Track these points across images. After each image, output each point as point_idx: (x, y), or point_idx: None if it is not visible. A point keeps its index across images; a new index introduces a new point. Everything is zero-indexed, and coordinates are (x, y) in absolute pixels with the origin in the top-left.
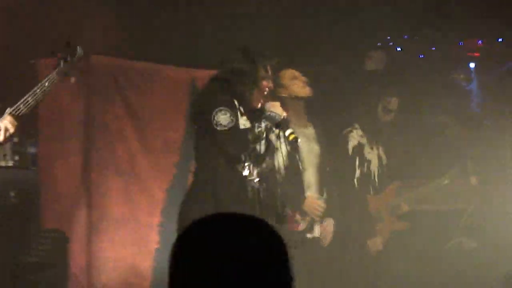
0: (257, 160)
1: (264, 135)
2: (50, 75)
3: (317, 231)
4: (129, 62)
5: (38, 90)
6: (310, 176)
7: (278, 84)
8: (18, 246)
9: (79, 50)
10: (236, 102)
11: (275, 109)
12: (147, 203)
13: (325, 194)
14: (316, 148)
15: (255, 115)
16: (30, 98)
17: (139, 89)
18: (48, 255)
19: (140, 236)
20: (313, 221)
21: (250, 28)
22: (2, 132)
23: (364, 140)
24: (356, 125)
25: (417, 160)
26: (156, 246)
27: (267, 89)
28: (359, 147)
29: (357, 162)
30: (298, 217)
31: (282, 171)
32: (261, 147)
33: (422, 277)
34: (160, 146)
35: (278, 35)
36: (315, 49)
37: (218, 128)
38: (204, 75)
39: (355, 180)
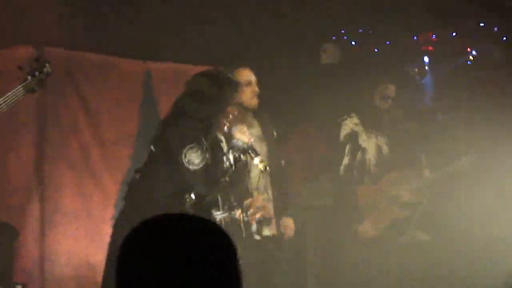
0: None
1: (234, 167)
2: (16, 89)
3: (268, 230)
4: (82, 54)
5: (3, 103)
6: (256, 177)
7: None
8: None
9: (47, 67)
10: (202, 134)
11: (242, 136)
12: (101, 196)
13: (270, 194)
14: (264, 148)
15: (222, 145)
16: (2, 103)
17: (93, 81)
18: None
19: (93, 229)
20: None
21: (203, 21)
22: None
23: (358, 128)
24: (353, 114)
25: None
26: (108, 240)
27: (230, 116)
28: (353, 135)
29: (346, 150)
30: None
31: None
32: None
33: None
34: (114, 139)
35: (231, 29)
36: (268, 43)
37: (190, 167)
38: (158, 67)
39: (342, 167)
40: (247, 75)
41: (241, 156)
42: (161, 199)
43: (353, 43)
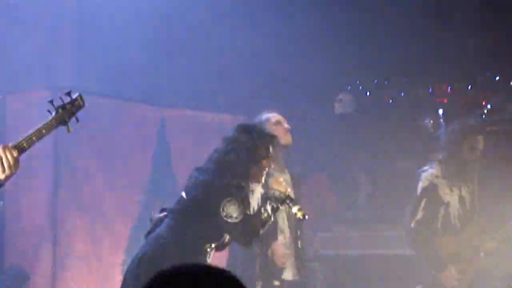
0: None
1: (272, 218)
2: (49, 121)
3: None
4: (96, 98)
5: (34, 138)
6: (282, 222)
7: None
8: None
9: (79, 100)
10: (239, 187)
11: (278, 186)
12: (111, 241)
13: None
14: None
15: (260, 196)
16: (33, 137)
17: (106, 126)
18: None
19: (103, 274)
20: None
21: (220, 67)
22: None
23: (438, 181)
24: (434, 164)
25: None
26: (119, 285)
27: (266, 168)
28: (430, 189)
29: (422, 204)
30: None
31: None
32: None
33: None
34: (126, 184)
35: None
36: (283, 92)
37: (229, 220)
38: (173, 114)
39: (414, 222)
40: (274, 116)
41: (279, 206)
42: (189, 245)
43: (368, 93)
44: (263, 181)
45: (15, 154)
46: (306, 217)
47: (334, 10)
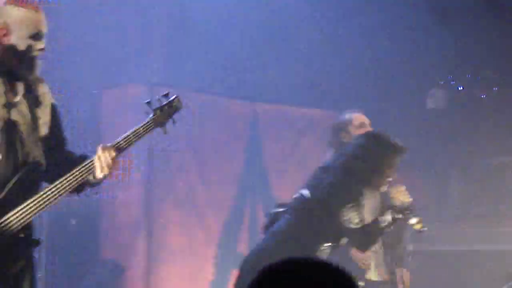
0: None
1: (391, 227)
2: (147, 122)
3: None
4: (190, 93)
5: (132, 136)
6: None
7: (343, 128)
8: (77, 274)
9: (176, 101)
10: (362, 193)
11: (400, 195)
12: (204, 235)
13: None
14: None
15: (380, 205)
16: (132, 137)
17: (200, 121)
18: (106, 285)
19: (197, 267)
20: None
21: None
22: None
23: None
24: None
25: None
26: (211, 278)
27: (389, 178)
28: None
29: None
30: None
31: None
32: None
33: None
34: (219, 178)
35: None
36: (376, 87)
37: (350, 226)
38: (265, 109)
39: None
40: (358, 117)
41: (400, 216)
42: (308, 243)
43: (460, 88)
44: (384, 190)
45: (113, 154)
46: (425, 229)
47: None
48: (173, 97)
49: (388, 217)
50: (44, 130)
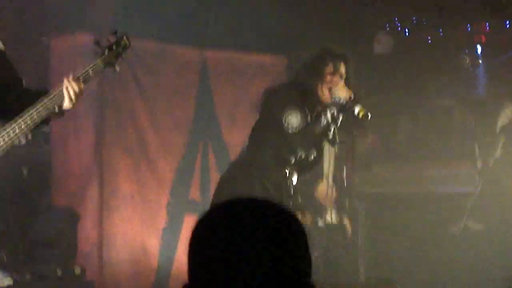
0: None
1: (332, 125)
2: (95, 62)
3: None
4: (139, 41)
5: (81, 79)
6: (326, 165)
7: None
8: (29, 223)
9: (125, 40)
10: (303, 99)
11: (340, 92)
12: (156, 182)
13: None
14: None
15: (322, 106)
16: (80, 78)
17: (150, 68)
18: (59, 232)
19: (149, 214)
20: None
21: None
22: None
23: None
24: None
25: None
26: (164, 225)
27: (333, 82)
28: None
29: (500, 143)
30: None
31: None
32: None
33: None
34: (170, 126)
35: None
36: (320, 31)
37: (290, 131)
38: (215, 55)
39: (493, 160)
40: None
41: (340, 113)
42: (266, 161)
43: (406, 33)
44: (327, 93)
45: (81, 84)
46: (369, 116)
47: None
48: (122, 35)
49: (327, 115)
50: None
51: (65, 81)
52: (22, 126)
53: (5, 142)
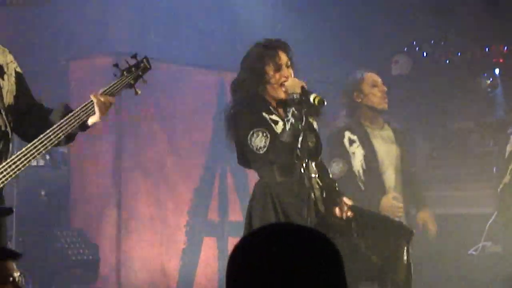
0: (309, 154)
1: (300, 126)
2: (114, 85)
3: None
4: (157, 64)
5: (107, 90)
6: (389, 177)
7: (356, 88)
8: (48, 245)
9: (145, 62)
10: (263, 111)
11: (290, 88)
12: (175, 203)
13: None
14: (394, 149)
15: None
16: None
17: (168, 91)
18: (79, 254)
19: (168, 236)
20: None
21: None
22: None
23: None
24: None
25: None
26: (183, 246)
27: (284, 78)
28: None
29: (510, 167)
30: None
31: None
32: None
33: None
34: (188, 147)
35: (305, 40)
36: (340, 52)
37: (260, 152)
38: (232, 77)
39: (502, 184)
40: (370, 76)
41: (300, 109)
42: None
43: (424, 54)
44: (283, 95)
45: (111, 98)
46: (325, 102)
47: None
48: (141, 58)
49: (289, 117)
50: (9, 98)
51: (93, 96)
52: (39, 146)
53: (21, 162)
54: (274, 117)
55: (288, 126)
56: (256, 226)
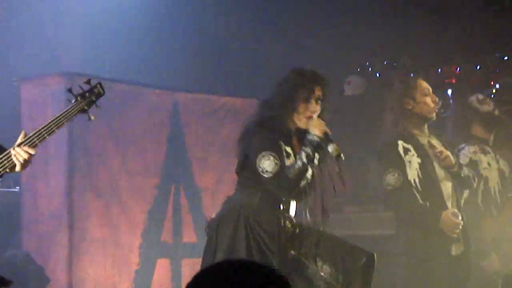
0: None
1: (309, 168)
2: (68, 110)
3: None
4: (110, 83)
5: (54, 127)
6: (446, 186)
7: (407, 93)
8: None
9: (99, 88)
10: (277, 139)
11: (313, 129)
12: (128, 225)
13: None
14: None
15: (299, 143)
16: (53, 126)
17: (121, 111)
18: (28, 277)
19: (121, 258)
20: None
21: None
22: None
23: (478, 156)
24: (471, 142)
25: None
26: (136, 268)
27: (310, 113)
28: (471, 165)
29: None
30: None
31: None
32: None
33: None
34: (141, 168)
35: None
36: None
37: (265, 175)
38: (186, 98)
39: (462, 201)
40: (423, 84)
41: (314, 152)
42: (255, 204)
43: (377, 75)
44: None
45: (31, 151)
46: (342, 157)
47: None
48: (95, 83)
49: (302, 156)
50: None
51: (14, 149)
52: None
53: None
54: (288, 149)
55: (298, 165)
56: (223, 247)
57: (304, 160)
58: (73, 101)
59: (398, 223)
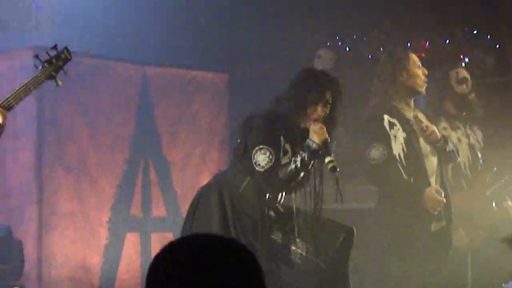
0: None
1: (301, 171)
2: (36, 76)
3: None
4: (79, 57)
5: (22, 94)
6: (431, 162)
7: (400, 65)
8: None
9: (65, 53)
10: (278, 135)
11: (313, 134)
12: (97, 199)
13: None
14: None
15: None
16: (21, 93)
17: (90, 85)
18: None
19: (90, 232)
20: None
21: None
22: None
23: (447, 132)
24: (442, 118)
25: None
26: (105, 242)
27: (316, 116)
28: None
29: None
30: None
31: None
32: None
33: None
34: (110, 143)
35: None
36: (261, 48)
37: (257, 169)
38: (156, 72)
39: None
40: (415, 58)
41: (310, 159)
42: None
43: (347, 49)
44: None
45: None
46: (337, 170)
47: None
48: (62, 48)
49: (297, 159)
50: None
51: None
52: None
53: None
54: (288, 146)
55: (291, 167)
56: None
57: (298, 164)
58: (40, 67)
59: (381, 198)
